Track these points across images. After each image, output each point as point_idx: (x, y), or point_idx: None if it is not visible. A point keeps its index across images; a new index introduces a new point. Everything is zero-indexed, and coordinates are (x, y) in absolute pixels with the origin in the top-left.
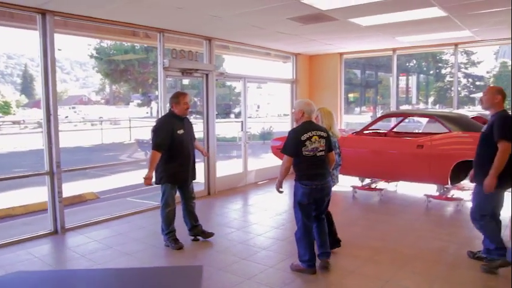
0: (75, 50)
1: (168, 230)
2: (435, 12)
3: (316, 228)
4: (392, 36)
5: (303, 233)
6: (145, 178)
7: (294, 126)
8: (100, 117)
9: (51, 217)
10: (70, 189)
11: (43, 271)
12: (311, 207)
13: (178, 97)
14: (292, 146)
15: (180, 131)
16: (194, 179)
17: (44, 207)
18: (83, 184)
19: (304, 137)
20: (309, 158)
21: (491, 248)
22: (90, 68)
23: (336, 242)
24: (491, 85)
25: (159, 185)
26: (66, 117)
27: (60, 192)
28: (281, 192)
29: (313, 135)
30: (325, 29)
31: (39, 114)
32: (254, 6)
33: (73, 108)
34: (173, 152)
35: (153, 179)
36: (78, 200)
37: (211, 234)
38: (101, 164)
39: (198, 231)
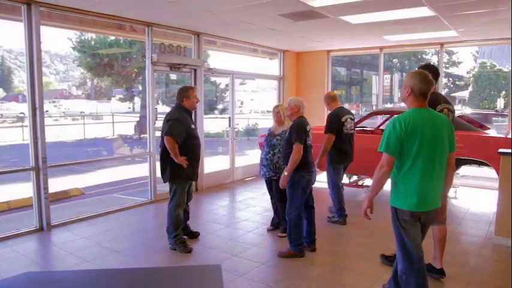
0: (55, 42)
1: (177, 232)
2: (425, 11)
3: (307, 218)
4: (381, 34)
5: (300, 219)
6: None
7: (296, 121)
8: (81, 112)
9: (36, 213)
10: (54, 185)
11: (53, 271)
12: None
13: (188, 91)
14: (303, 135)
15: (193, 126)
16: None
17: (25, 204)
18: (68, 180)
19: (307, 128)
20: (309, 147)
21: (335, 209)
22: (71, 62)
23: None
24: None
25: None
26: (47, 111)
27: (46, 188)
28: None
29: (310, 129)
30: (315, 26)
31: (18, 108)
32: (247, 2)
33: (53, 102)
34: (188, 147)
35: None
36: (63, 196)
37: (198, 234)
38: (87, 159)
39: (187, 231)
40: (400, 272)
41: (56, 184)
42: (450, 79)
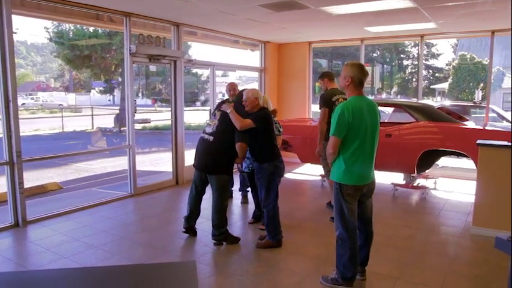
0: (32, 32)
1: (226, 224)
2: (405, 3)
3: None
4: (362, 26)
5: (277, 210)
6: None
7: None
8: (60, 105)
9: (11, 209)
10: (31, 179)
11: (16, 272)
12: None
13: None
14: (269, 125)
15: None
16: None
17: (0, 199)
18: (45, 174)
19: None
20: (275, 138)
21: None
22: (48, 53)
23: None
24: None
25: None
26: (23, 104)
27: (21, 183)
28: None
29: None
30: (296, 17)
31: None
32: None
33: (30, 95)
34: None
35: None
36: (40, 191)
37: (195, 233)
38: (64, 153)
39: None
40: (337, 237)
41: (34, 178)
42: (430, 71)
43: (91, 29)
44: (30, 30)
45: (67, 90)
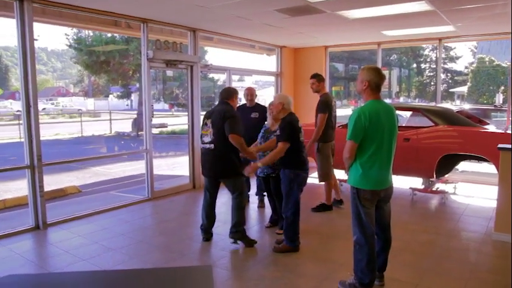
0: (52, 39)
1: (245, 224)
2: (422, 6)
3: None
4: (378, 30)
5: (296, 216)
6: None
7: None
8: (79, 110)
9: (32, 212)
10: (51, 183)
11: (37, 274)
12: None
13: (237, 93)
14: (295, 133)
15: None
16: None
17: (22, 202)
18: (64, 178)
19: (298, 125)
20: (302, 145)
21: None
22: (68, 59)
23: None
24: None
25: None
26: (44, 109)
27: (41, 187)
28: None
29: (301, 125)
30: (312, 22)
31: (15, 106)
32: None
33: (51, 100)
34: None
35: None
36: (60, 194)
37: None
38: (83, 157)
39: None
40: (355, 242)
41: (53, 182)
42: (448, 74)
43: (109, 35)
44: (51, 37)
45: (86, 96)
